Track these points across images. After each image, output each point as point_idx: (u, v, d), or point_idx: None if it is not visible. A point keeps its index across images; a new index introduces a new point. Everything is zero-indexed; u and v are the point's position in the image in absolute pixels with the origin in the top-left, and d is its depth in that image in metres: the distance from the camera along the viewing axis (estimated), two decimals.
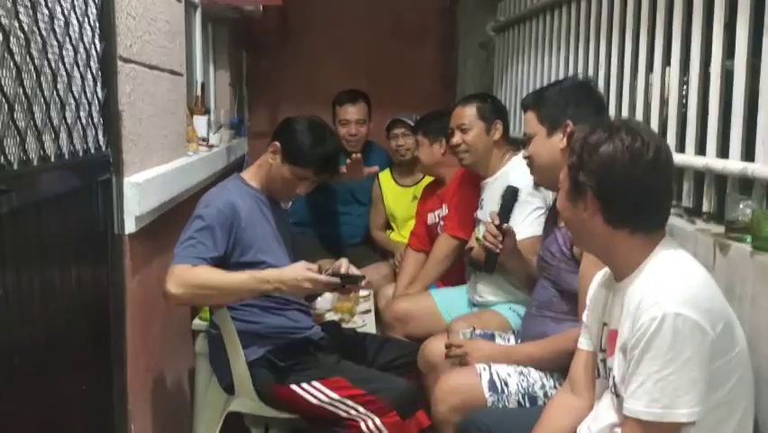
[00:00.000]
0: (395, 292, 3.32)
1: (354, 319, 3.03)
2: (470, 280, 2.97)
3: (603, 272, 1.74)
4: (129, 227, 2.07)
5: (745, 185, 1.88)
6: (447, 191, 3.31)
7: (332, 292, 2.69)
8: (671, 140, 2.23)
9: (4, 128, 1.38)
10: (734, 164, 1.88)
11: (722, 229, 1.90)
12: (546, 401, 2.06)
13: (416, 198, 3.77)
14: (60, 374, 1.70)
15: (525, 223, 2.67)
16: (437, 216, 3.36)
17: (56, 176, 1.66)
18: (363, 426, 2.26)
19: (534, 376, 2.17)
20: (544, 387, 2.16)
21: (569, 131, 2.10)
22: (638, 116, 2.45)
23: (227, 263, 2.30)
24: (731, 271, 1.74)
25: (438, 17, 4.90)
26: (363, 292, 3.24)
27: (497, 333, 2.47)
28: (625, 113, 2.59)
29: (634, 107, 2.54)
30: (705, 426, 1.46)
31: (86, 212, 1.89)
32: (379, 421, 2.26)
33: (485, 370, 2.19)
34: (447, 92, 4.76)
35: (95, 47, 1.91)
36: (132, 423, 2.14)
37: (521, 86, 3.84)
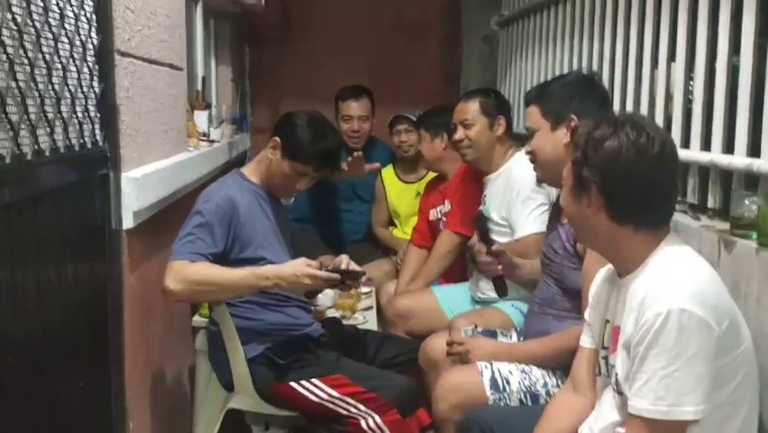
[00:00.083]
0: (397, 289, 3.31)
1: (356, 316, 3.01)
2: (472, 276, 2.95)
3: (606, 269, 1.71)
4: (127, 223, 2.06)
5: (751, 181, 1.86)
6: (450, 187, 3.29)
7: (332, 289, 2.67)
8: (676, 135, 2.20)
9: None
10: (739, 160, 1.86)
11: (727, 226, 1.87)
12: (548, 400, 2.04)
13: (419, 194, 3.75)
14: (57, 371, 1.68)
15: (529, 219, 2.66)
16: (439, 212, 3.34)
17: (51, 170, 1.64)
18: (363, 424, 2.24)
19: (537, 374, 2.15)
20: (546, 385, 2.13)
21: (573, 125, 2.08)
22: (643, 111, 2.43)
23: (226, 259, 2.29)
24: (736, 268, 1.72)
25: (441, 14, 4.87)
26: (365, 289, 3.22)
27: (499, 330, 2.45)
28: (629, 108, 2.56)
29: (638, 102, 2.51)
30: (710, 424, 1.44)
31: (82, 207, 1.87)
32: (379, 419, 2.24)
33: (487, 368, 2.18)
34: (450, 88, 4.73)
35: (91, 40, 1.89)
36: (131, 420, 2.13)
37: (525, 81, 3.81)
